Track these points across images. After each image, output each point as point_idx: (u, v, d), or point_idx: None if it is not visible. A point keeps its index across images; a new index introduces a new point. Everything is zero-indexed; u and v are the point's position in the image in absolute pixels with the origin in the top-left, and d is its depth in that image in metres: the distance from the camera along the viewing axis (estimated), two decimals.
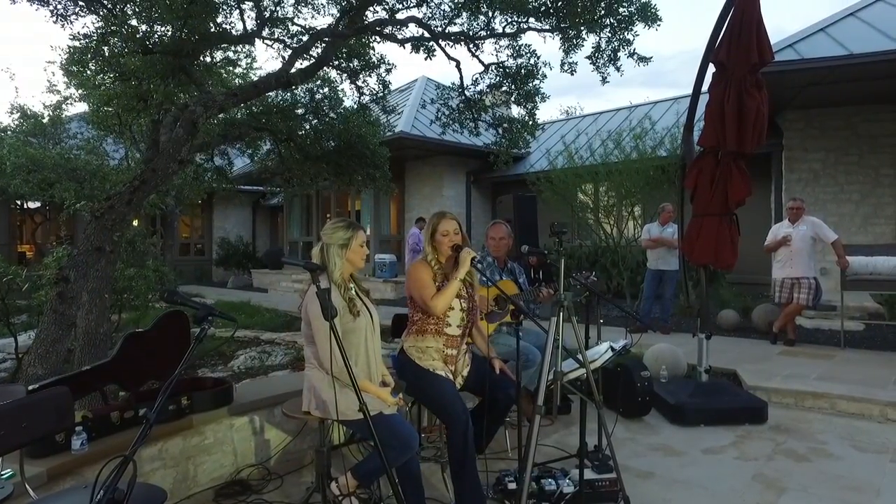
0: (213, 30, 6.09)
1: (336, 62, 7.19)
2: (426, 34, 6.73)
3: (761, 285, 8.32)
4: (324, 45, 6.39)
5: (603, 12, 6.21)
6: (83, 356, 4.01)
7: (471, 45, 6.94)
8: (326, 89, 7.84)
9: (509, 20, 6.63)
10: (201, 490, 3.11)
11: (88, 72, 6.86)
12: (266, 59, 67.12)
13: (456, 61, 7.34)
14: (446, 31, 6.79)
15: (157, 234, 14.50)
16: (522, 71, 7.11)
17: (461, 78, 7.47)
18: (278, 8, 6.61)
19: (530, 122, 7.77)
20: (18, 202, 14.95)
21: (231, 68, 8.80)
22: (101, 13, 5.68)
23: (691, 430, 4.11)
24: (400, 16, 6.73)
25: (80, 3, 5.47)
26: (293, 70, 6.02)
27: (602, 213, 10.66)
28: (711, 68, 4.20)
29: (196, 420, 3.12)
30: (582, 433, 2.87)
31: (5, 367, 6.20)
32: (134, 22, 5.75)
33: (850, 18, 7.73)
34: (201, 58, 6.65)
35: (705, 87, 4.42)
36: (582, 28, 6.35)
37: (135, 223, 8.83)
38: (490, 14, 6.58)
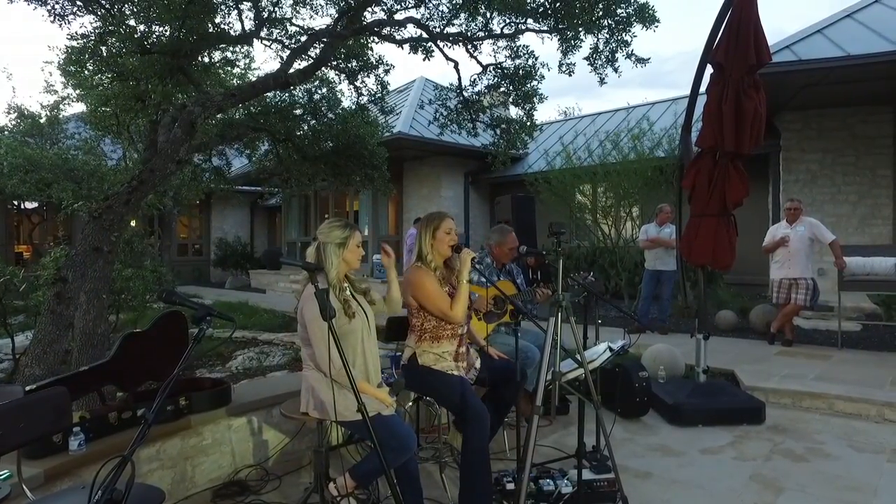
0: (211, 30, 6.07)
1: (334, 63, 7.17)
2: (424, 35, 6.72)
3: (759, 286, 8.34)
4: (322, 45, 6.38)
5: (601, 13, 6.21)
6: (81, 357, 3.99)
7: (469, 46, 6.93)
8: (325, 90, 7.82)
9: (507, 21, 6.63)
10: (199, 490, 3.11)
11: (86, 72, 6.84)
12: (264, 59, 67.17)
13: (454, 62, 7.34)
14: (444, 31, 6.79)
15: (154, 235, 14.51)
16: (520, 72, 7.10)
17: (459, 79, 7.46)
18: (277, 8, 6.60)
19: (528, 123, 7.76)
20: (15, 202, 14.91)
21: (229, 69, 8.77)
22: (99, 13, 5.67)
23: (689, 430, 4.12)
24: (398, 16, 6.73)
25: (78, 2, 5.45)
26: (291, 70, 6.01)
27: (600, 214, 10.68)
28: (709, 69, 4.21)
29: (194, 420, 3.12)
30: (580, 433, 2.88)
31: (3, 367, 6.17)
32: (132, 22, 5.73)
33: (847, 20, 7.75)
34: (199, 58, 6.62)
35: (703, 88, 4.43)
36: (580, 29, 6.36)
37: (132, 223, 8.79)
38: (488, 15, 6.58)
